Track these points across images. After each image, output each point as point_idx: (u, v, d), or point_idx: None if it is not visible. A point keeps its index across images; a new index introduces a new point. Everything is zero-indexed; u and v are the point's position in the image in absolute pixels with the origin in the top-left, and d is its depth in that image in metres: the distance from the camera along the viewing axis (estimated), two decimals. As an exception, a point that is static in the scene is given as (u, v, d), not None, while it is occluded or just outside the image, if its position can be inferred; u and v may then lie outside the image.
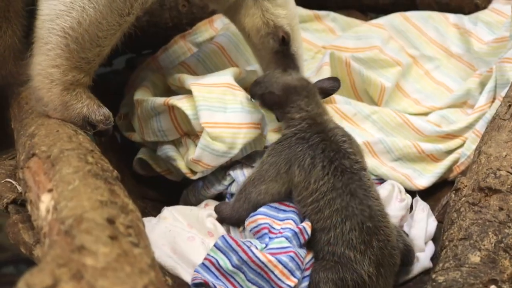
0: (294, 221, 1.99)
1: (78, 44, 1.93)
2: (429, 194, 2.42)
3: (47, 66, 1.94)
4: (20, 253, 1.89)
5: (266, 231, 1.98)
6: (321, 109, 2.10)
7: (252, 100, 2.19)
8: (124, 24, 1.97)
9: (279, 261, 1.87)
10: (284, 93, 2.09)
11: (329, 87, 2.18)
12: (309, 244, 1.99)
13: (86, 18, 1.90)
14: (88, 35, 1.92)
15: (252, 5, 2.25)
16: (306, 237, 1.95)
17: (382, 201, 2.02)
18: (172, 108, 2.25)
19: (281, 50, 2.29)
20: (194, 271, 1.92)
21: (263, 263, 1.86)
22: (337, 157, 1.97)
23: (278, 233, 1.96)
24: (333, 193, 1.93)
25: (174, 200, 2.38)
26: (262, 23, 2.27)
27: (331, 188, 1.93)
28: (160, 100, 2.26)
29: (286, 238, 1.93)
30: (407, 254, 2.02)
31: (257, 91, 2.15)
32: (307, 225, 1.95)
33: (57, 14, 1.91)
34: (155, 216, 2.17)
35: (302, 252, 1.93)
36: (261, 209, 2.03)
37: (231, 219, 2.05)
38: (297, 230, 1.94)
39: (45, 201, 1.55)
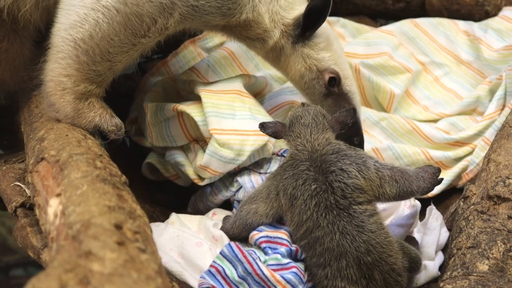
0: (290, 233, 1.97)
1: (88, 57, 1.94)
2: (438, 201, 2.41)
3: (59, 74, 1.96)
4: (29, 256, 1.90)
5: (265, 245, 1.97)
6: (320, 135, 1.99)
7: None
8: (139, 45, 1.97)
9: (283, 277, 1.86)
10: (289, 122, 2.05)
11: (344, 118, 2.05)
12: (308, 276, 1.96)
13: (98, 32, 1.91)
14: (98, 49, 1.93)
15: (291, 53, 2.24)
16: (299, 257, 1.94)
17: (386, 229, 1.90)
18: (181, 114, 2.25)
19: (331, 92, 2.26)
20: (200, 277, 1.92)
21: (266, 277, 1.86)
22: (318, 191, 1.87)
23: (275, 243, 1.96)
24: (320, 231, 1.85)
25: (182, 205, 2.39)
26: (305, 69, 2.25)
27: (316, 225, 1.85)
28: (169, 105, 2.27)
29: (281, 255, 1.91)
30: (413, 263, 1.99)
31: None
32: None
33: (71, 25, 1.93)
34: (163, 220, 2.17)
35: (301, 265, 1.93)
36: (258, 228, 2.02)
37: (228, 233, 2.04)
38: (293, 248, 1.93)
39: (53, 206, 1.55)
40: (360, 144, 2.23)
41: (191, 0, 1.96)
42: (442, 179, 1.98)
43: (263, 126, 2.05)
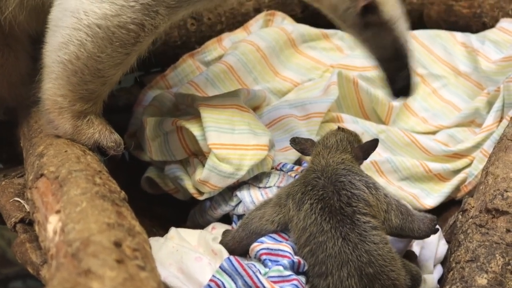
0: (292, 247, 1.97)
1: (78, 78, 1.91)
2: (436, 213, 2.40)
3: (54, 94, 1.95)
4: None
5: (265, 257, 1.97)
6: (336, 155, 2.04)
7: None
8: (133, 53, 1.91)
9: None
10: (317, 142, 2.11)
11: (368, 146, 2.10)
12: None
13: (83, 52, 1.86)
14: (87, 69, 1.89)
15: None
16: (301, 270, 1.94)
17: (390, 245, 1.91)
18: (180, 128, 2.26)
19: (370, 22, 2.01)
20: (200, 291, 1.92)
21: None
22: (325, 197, 1.91)
23: (276, 255, 1.96)
24: (323, 236, 1.87)
25: (181, 219, 2.39)
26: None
27: (320, 230, 1.87)
28: (169, 120, 2.27)
29: (283, 266, 1.91)
30: (414, 280, 1.99)
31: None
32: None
33: (57, 46, 1.90)
34: (162, 235, 2.17)
35: (303, 278, 1.93)
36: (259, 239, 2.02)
37: (228, 245, 2.04)
38: (295, 260, 1.92)
39: (53, 223, 1.55)
40: (406, 80, 2.05)
41: None
42: (438, 229, 2.03)
43: (294, 141, 2.12)
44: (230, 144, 2.16)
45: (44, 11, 1.97)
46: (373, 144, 2.11)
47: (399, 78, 2.03)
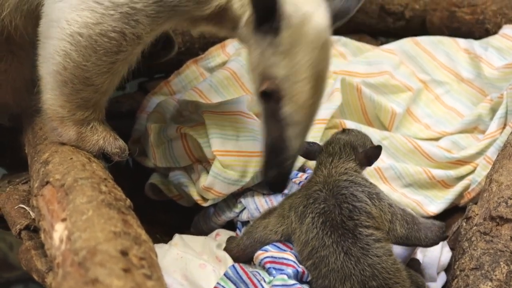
0: (296, 256, 1.97)
1: (69, 88, 1.90)
2: (440, 220, 2.40)
3: (53, 104, 1.95)
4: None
5: (269, 265, 1.97)
6: (340, 164, 2.01)
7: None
8: (119, 62, 1.88)
9: None
10: (324, 147, 2.08)
11: (372, 154, 2.06)
12: None
13: (69, 62, 1.86)
14: (76, 78, 1.88)
15: (253, 41, 1.91)
16: (305, 280, 1.94)
17: (394, 256, 1.90)
18: (184, 135, 2.26)
19: (267, 104, 1.93)
20: (204, 299, 1.92)
21: None
22: (326, 210, 1.90)
23: (280, 264, 1.96)
24: (325, 250, 1.86)
25: (185, 225, 2.39)
26: (255, 64, 1.92)
27: (322, 244, 1.87)
28: (173, 127, 2.28)
29: (287, 275, 1.91)
30: None
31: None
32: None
33: (46, 58, 1.91)
34: (166, 241, 2.18)
35: (306, 287, 1.93)
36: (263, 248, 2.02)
37: (232, 252, 2.05)
38: (300, 270, 1.92)
39: (59, 231, 1.55)
40: (279, 178, 1.96)
41: None
42: (447, 236, 2.01)
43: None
44: (234, 151, 2.17)
45: (38, 16, 1.97)
46: (377, 151, 2.07)
47: (273, 172, 1.95)
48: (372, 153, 2.07)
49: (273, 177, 1.95)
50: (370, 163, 2.09)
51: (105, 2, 1.80)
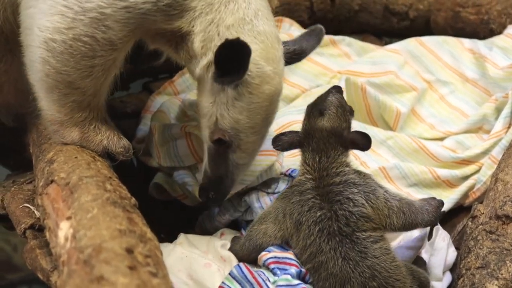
0: (297, 256, 1.96)
1: (57, 93, 1.89)
2: (445, 219, 2.41)
3: (49, 109, 1.95)
4: (33, 274, 1.89)
5: (273, 266, 1.96)
6: (330, 164, 1.95)
7: None
8: (98, 67, 1.85)
9: None
10: (303, 135, 1.99)
11: (361, 142, 1.96)
12: None
13: (49, 68, 1.84)
14: (60, 83, 1.87)
15: (209, 88, 1.91)
16: (307, 281, 1.94)
17: (392, 253, 1.90)
18: (189, 134, 2.26)
19: (218, 151, 1.97)
20: (209, 298, 1.92)
21: None
22: (323, 218, 1.88)
23: (284, 263, 1.96)
24: (323, 256, 1.86)
25: (190, 225, 2.38)
26: (208, 112, 1.93)
27: (320, 250, 1.86)
28: (177, 126, 2.28)
29: (291, 275, 1.91)
30: (423, 287, 1.98)
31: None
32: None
33: (30, 66, 1.91)
34: (171, 241, 2.17)
35: (310, 287, 1.92)
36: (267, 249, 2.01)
37: (237, 255, 2.03)
38: (303, 270, 1.92)
39: (64, 229, 1.55)
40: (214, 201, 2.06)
41: (119, 1, 1.78)
42: (444, 211, 2.00)
43: (275, 141, 2.00)
44: None
45: None
46: (367, 140, 1.95)
47: (211, 195, 2.02)
48: (359, 140, 1.97)
49: (213, 197, 2.03)
50: (355, 148, 2.00)
51: (74, 6, 1.78)
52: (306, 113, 2.02)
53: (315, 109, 1.99)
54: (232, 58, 1.76)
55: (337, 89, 2.04)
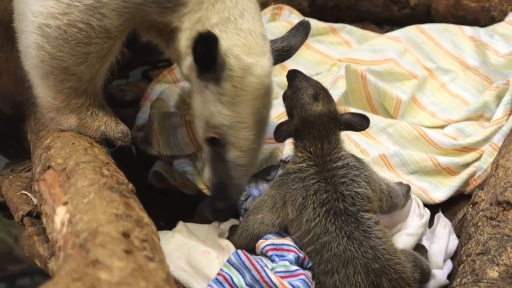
0: (296, 242, 1.96)
1: (52, 79, 1.88)
2: (446, 207, 2.40)
3: (45, 96, 1.94)
4: (35, 265, 1.89)
5: (271, 253, 1.96)
6: (332, 150, 1.97)
7: None
8: (93, 54, 1.85)
9: (291, 285, 1.85)
10: (299, 123, 1.98)
11: (357, 123, 1.99)
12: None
13: (44, 54, 1.83)
14: (55, 69, 1.86)
15: (196, 86, 1.93)
16: (306, 266, 1.94)
17: (390, 237, 1.94)
18: (189, 123, 2.25)
19: (212, 148, 1.96)
20: (207, 285, 1.91)
21: (274, 284, 1.85)
22: (329, 199, 1.89)
23: (281, 250, 1.95)
24: (328, 236, 1.87)
25: (189, 213, 2.38)
26: (199, 112, 1.95)
27: (324, 231, 1.87)
28: (177, 114, 2.27)
29: (289, 261, 1.91)
30: (424, 274, 1.98)
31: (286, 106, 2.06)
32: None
33: (24, 52, 1.90)
34: (170, 229, 2.16)
35: (309, 273, 1.92)
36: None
37: (235, 244, 2.03)
38: (301, 255, 1.92)
39: (60, 214, 1.55)
40: (222, 215, 2.06)
41: None
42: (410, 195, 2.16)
43: (276, 133, 1.99)
44: None
45: None
46: (365, 122, 1.99)
47: (220, 204, 2.01)
48: (355, 122, 1.99)
49: (219, 208, 2.02)
50: (353, 130, 2.03)
51: None
52: (294, 102, 2.01)
53: (306, 96, 2.00)
54: (210, 54, 1.78)
55: (296, 72, 2.08)
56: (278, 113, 2.49)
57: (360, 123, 1.99)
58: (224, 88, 1.86)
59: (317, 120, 1.97)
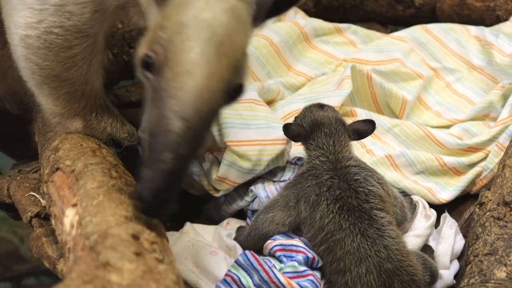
0: (305, 243, 1.97)
1: (47, 88, 1.88)
2: (452, 207, 2.40)
3: (47, 103, 1.94)
4: (41, 265, 1.90)
5: (279, 253, 1.96)
6: (343, 148, 2.03)
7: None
8: (79, 55, 1.81)
9: (299, 285, 1.85)
10: (310, 128, 2.07)
11: (364, 129, 2.07)
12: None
13: (32, 65, 1.82)
14: (47, 78, 1.85)
15: (152, 13, 1.63)
16: (315, 266, 1.94)
17: (403, 238, 1.94)
18: (195, 123, 2.24)
19: (147, 79, 1.55)
20: (216, 286, 1.91)
21: (283, 285, 1.85)
22: (343, 196, 1.91)
23: (290, 251, 1.95)
24: (342, 233, 1.87)
25: (195, 214, 2.38)
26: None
27: (338, 228, 1.88)
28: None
29: (298, 262, 1.91)
30: (433, 276, 1.98)
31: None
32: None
33: (17, 64, 1.89)
34: (177, 230, 2.17)
35: (318, 273, 1.92)
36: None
37: (242, 245, 2.03)
38: (310, 256, 1.92)
39: (70, 216, 1.55)
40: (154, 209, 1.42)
41: None
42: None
43: (286, 129, 2.07)
44: (248, 140, 2.15)
45: None
46: (371, 125, 2.08)
47: (148, 173, 1.43)
48: (362, 127, 2.08)
49: (149, 193, 1.42)
50: (360, 137, 2.11)
51: None
52: (303, 116, 2.13)
53: (313, 106, 2.12)
54: None
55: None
56: (284, 113, 2.49)
57: (367, 129, 2.07)
58: None
59: (327, 121, 2.06)
